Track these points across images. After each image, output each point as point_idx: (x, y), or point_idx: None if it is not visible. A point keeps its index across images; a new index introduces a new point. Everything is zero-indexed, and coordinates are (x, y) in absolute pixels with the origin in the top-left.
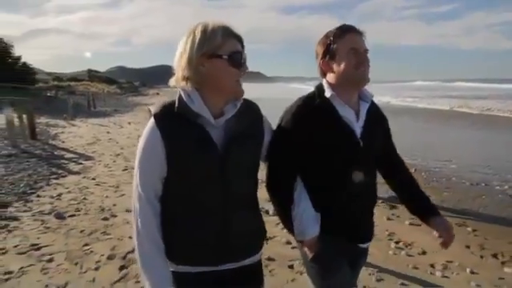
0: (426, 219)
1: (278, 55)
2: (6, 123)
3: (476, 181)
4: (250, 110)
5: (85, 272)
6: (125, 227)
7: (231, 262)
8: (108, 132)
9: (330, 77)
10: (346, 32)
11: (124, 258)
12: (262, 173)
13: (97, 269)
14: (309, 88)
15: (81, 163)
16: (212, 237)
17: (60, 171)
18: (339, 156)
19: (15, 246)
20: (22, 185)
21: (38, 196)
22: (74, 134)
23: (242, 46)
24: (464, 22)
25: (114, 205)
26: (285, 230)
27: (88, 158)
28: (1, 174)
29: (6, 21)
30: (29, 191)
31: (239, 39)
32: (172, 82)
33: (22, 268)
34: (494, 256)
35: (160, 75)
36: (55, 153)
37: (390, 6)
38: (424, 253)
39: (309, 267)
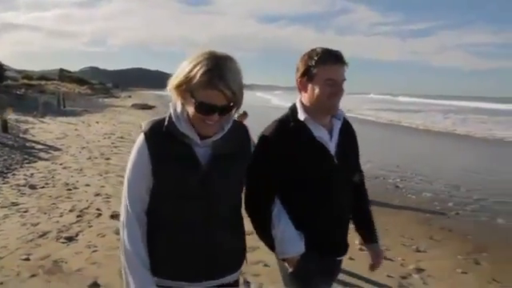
0: (367, 243)
1: (255, 63)
2: None
3: (377, 176)
4: (239, 132)
5: (52, 218)
6: (83, 195)
7: (212, 280)
8: (76, 129)
9: (305, 97)
10: (329, 60)
11: (81, 211)
12: None
13: (60, 216)
14: (271, 98)
15: (50, 153)
16: (194, 254)
17: (32, 158)
18: (315, 175)
19: None
20: None
21: (14, 174)
22: (44, 129)
23: (229, 99)
24: (437, 39)
25: (77, 181)
26: None
27: (57, 149)
28: None
29: None
30: (5, 171)
31: (224, 93)
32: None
33: (5, 214)
34: None
35: (134, 78)
36: (26, 144)
37: (366, 21)
38: None
39: (287, 281)
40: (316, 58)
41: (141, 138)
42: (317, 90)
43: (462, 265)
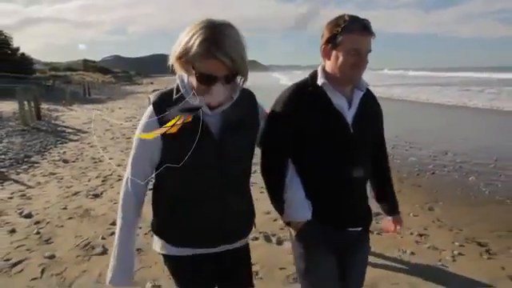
0: (387, 215)
1: (276, 44)
2: (19, 107)
3: None
4: (247, 98)
5: (82, 182)
6: (107, 166)
7: (227, 244)
8: (101, 115)
9: (328, 64)
10: (355, 29)
11: (105, 177)
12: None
13: (89, 181)
14: (283, 78)
15: (78, 135)
16: (210, 220)
17: (63, 139)
18: (330, 142)
19: (40, 173)
20: (37, 146)
21: (50, 153)
22: (72, 116)
23: (230, 68)
24: (462, 9)
25: (102, 156)
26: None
27: (84, 132)
28: (20, 141)
29: (0, 9)
30: (43, 150)
31: (223, 62)
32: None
33: (46, 181)
34: None
35: (156, 64)
36: (58, 129)
37: None
38: None
39: (294, 247)
40: (342, 26)
41: (150, 109)
42: (340, 59)
43: (416, 210)
